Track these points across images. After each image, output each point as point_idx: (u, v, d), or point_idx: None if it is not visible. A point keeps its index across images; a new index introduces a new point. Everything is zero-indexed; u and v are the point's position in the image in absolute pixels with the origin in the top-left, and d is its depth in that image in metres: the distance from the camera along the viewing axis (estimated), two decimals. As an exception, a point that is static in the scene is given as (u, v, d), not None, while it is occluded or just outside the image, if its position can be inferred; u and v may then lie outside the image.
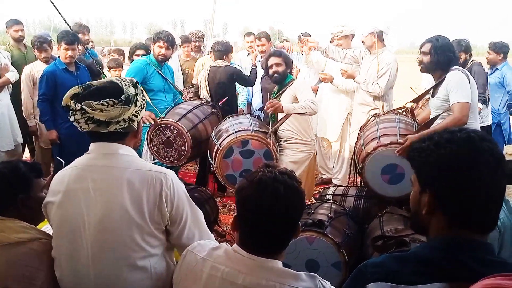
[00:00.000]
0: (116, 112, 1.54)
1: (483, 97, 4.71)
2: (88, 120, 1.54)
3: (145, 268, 1.56)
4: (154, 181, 1.55)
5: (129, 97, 1.57)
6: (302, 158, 3.71)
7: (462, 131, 1.04)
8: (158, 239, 1.59)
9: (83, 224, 1.53)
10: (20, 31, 5.25)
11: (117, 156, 1.60)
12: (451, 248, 1.01)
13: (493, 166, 0.99)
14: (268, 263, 1.33)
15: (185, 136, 3.48)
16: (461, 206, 1.01)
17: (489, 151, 1.00)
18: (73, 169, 1.61)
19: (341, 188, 3.79)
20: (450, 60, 3.18)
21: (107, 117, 1.53)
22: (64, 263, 1.57)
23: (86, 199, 1.54)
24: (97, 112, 1.52)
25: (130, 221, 1.51)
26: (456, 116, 3.00)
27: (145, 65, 4.03)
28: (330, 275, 2.60)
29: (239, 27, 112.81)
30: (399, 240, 2.50)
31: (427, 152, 1.04)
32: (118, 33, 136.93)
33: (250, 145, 3.02)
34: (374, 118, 3.59)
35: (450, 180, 1.01)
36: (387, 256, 1.12)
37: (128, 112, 1.57)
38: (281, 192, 1.30)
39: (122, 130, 1.60)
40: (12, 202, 1.70)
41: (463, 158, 1.00)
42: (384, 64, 4.31)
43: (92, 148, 1.65)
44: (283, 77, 3.73)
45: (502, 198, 1.04)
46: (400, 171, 3.00)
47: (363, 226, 3.13)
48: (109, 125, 1.56)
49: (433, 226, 1.07)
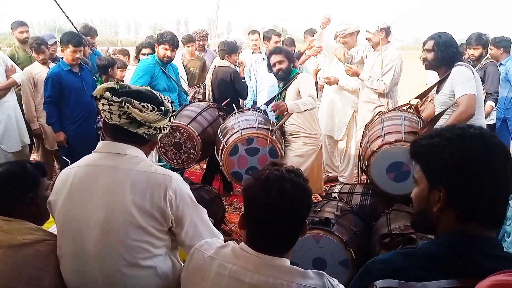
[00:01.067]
0: (153, 118, 1.59)
1: (496, 96, 4.73)
2: (123, 115, 1.55)
3: (150, 268, 1.56)
4: (159, 184, 1.54)
5: (168, 111, 1.66)
6: (308, 151, 3.74)
7: (473, 127, 1.05)
8: (162, 240, 1.59)
9: (86, 225, 1.53)
10: (25, 33, 5.26)
11: (124, 157, 1.59)
12: (459, 243, 1.01)
13: (503, 161, 1.00)
14: (275, 261, 1.33)
15: (196, 140, 3.50)
16: (472, 201, 1.01)
17: (500, 147, 1.01)
18: (78, 168, 1.61)
19: (348, 186, 3.79)
20: (454, 56, 3.17)
21: (143, 119, 1.57)
22: (69, 262, 1.58)
23: (89, 200, 1.54)
24: (135, 111, 1.55)
25: (133, 223, 1.50)
26: (462, 109, 2.99)
27: (153, 64, 4.08)
28: (337, 273, 2.59)
29: (243, 26, 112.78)
30: (406, 238, 2.49)
31: (438, 148, 1.04)
32: (122, 33, 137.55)
33: (255, 143, 3.04)
34: (379, 116, 3.59)
35: (463, 176, 1.01)
36: (395, 253, 1.12)
37: (161, 122, 1.63)
38: (288, 190, 1.30)
39: (148, 136, 1.64)
40: (20, 202, 1.71)
41: (477, 153, 1.00)
42: (389, 60, 4.30)
43: (100, 147, 1.65)
44: (287, 73, 3.75)
45: (509, 194, 1.04)
46: (406, 168, 2.99)
47: (370, 223, 3.12)
48: (140, 127, 1.59)
49: (442, 223, 1.07)
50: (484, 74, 4.68)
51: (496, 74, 4.74)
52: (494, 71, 4.74)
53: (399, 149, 2.99)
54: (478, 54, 4.84)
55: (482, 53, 4.85)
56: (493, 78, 4.70)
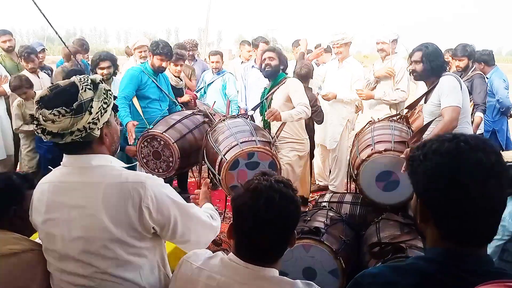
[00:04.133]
0: (66, 123, 1.38)
1: (484, 107, 4.76)
2: (43, 132, 1.42)
3: (135, 281, 1.50)
4: (131, 194, 1.43)
5: (82, 105, 1.41)
6: (296, 156, 3.79)
7: (453, 140, 1.00)
8: (145, 249, 1.52)
9: (65, 244, 1.47)
10: (8, 42, 5.22)
11: (91, 170, 1.48)
12: (445, 261, 0.99)
13: (481, 178, 0.94)
14: (264, 271, 1.32)
15: (172, 147, 3.45)
16: (450, 218, 0.99)
17: (477, 162, 0.95)
18: (50, 185, 1.53)
19: (337, 195, 3.79)
20: (441, 66, 3.22)
21: (59, 129, 1.39)
22: (57, 277, 1.54)
23: (64, 219, 1.47)
24: (48, 124, 1.39)
25: (112, 239, 1.44)
26: (446, 120, 3.03)
27: (139, 72, 4.01)
28: (327, 283, 2.59)
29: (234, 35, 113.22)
30: (396, 247, 2.50)
31: (417, 162, 1.03)
32: (112, 42, 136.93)
33: (256, 157, 3.00)
34: (369, 125, 3.61)
35: (436, 191, 0.99)
36: (384, 267, 1.12)
37: (81, 121, 1.40)
38: (275, 201, 1.29)
39: (81, 139, 1.44)
40: (5, 214, 1.68)
41: (445, 170, 0.97)
42: (399, 68, 4.46)
43: (65, 161, 1.54)
44: (274, 70, 3.75)
45: (499, 210, 0.99)
46: (395, 178, 3.01)
47: (359, 232, 3.13)
48: (64, 136, 1.42)
49: (428, 237, 1.06)
50: (472, 86, 4.73)
51: (483, 86, 4.78)
52: (481, 83, 4.77)
53: (388, 159, 3.01)
54: (463, 65, 4.87)
55: (468, 64, 4.87)
56: (480, 89, 4.74)
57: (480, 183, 0.94)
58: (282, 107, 3.69)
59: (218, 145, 3.22)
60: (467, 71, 4.88)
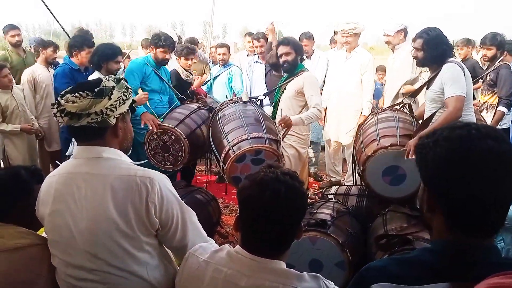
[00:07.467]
0: (85, 104, 1.46)
1: (508, 101, 4.49)
2: (61, 113, 1.48)
3: (141, 274, 1.52)
4: (139, 188, 1.47)
5: (103, 90, 1.49)
6: (297, 151, 3.81)
7: (465, 128, 0.98)
8: (150, 245, 1.54)
9: (72, 235, 1.49)
10: (16, 36, 5.28)
11: (100, 161, 1.53)
12: (452, 253, 0.98)
13: (491, 166, 0.93)
14: (270, 264, 1.32)
15: (183, 142, 3.47)
16: (458, 207, 0.97)
17: (488, 150, 0.93)
18: (59, 177, 1.56)
19: (344, 187, 3.79)
20: (444, 53, 3.13)
21: (77, 109, 1.46)
22: (62, 271, 1.55)
23: (72, 209, 1.49)
24: (69, 104, 1.46)
25: (118, 231, 1.46)
26: (450, 110, 2.98)
27: (143, 64, 4.05)
28: (334, 275, 2.59)
29: (239, 28, 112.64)
30: (402, 239, 2.49)
31: (426, 150, 1.01)
32: (117, 36, 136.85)
33: (262, 155, 3.01)
34: (373, 117, 3.58)
35: (444, 179, 0.97)
36: (389, 259, 1.11)
37: (99, 104, 1.48)
38: (282, 193, 1.29)
39: (96, 124, 1.50)
40: (13, 208, 1.69)
41: (456, 156, 0.95)
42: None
43: (76, 152, 1.59)
44: (293, 65, 3.74)
45: (509, 199, 0.97)
46: (401, 172, 2.99)
47: (366, 225, 3.12)
48: (81, 118, 1.47)
49: (435, 227, 1.05)
50: (497, 77, 4.52)
51: (509, 78, 4.50)
52: (507, 74, 4.51)
53: (394, 153, 2.98)
54: (491, 54, 4.63)
55: (495, 54, 4.61)
56: (506, 82, 4.47)
57: (491, 171, 0.93)
58: (292, 99, 3.70)
59: (227, 133, 3.19)
60: (493, 61, 4.65)
